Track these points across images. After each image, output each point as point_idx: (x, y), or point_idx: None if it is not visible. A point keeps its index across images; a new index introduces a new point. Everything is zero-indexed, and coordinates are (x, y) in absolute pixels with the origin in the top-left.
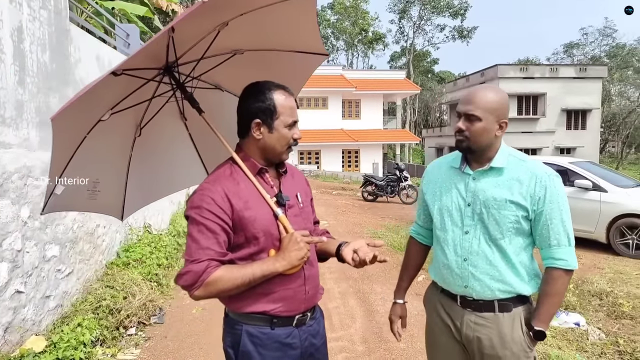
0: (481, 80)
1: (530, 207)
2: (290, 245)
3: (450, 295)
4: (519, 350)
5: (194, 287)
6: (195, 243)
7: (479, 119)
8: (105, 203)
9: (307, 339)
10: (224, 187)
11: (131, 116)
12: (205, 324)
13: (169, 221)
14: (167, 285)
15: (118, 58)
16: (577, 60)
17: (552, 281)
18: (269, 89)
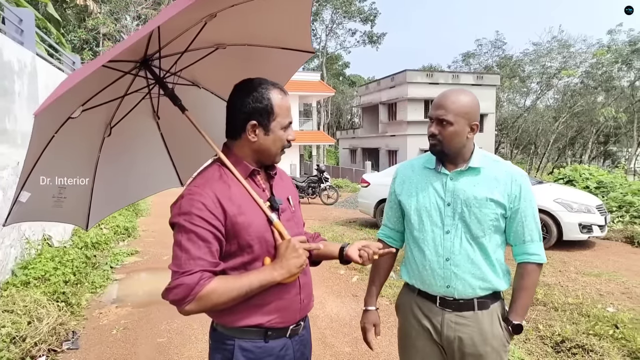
0: (391, 85)
1: (508, 205)
2: (288, 253)
3: (428, 297)
4: (499, 345)
5: (186, 302)
6: (186, 253)
7: (451, 123)
8: (71, 211)
9: (299, 349)
10: (215, 191)
11: (102, 114)
12: (130, 345)
13: (72, 232)
14: (77, 305)
15: (12, 48)
16: (474, 68)
17: (527, 275)
18: (265, 88)
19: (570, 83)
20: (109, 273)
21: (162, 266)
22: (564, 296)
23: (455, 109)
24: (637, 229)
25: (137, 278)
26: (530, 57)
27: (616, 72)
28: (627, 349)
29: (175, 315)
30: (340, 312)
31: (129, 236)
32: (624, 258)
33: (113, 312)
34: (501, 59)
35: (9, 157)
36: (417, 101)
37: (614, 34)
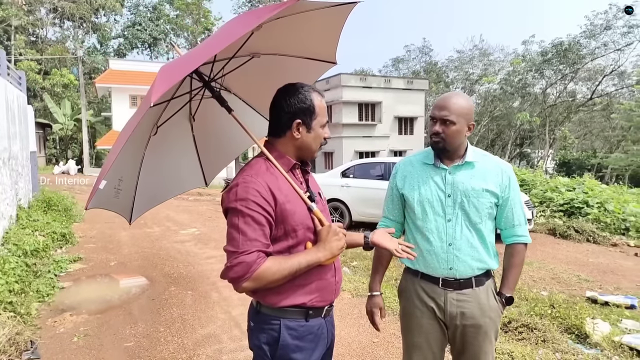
0: (327, 87)
1: (500, 194)
2: (330, 237)
3: (431, 279)
4: (495, 316)
5: (244, 279)
6: (243, 235)
7: (454, 122)
8: (123, 203)
9: (330, 329)
10: (267, 181)
11: (154, 114)
12: (96, 352)
13: (3, 239)
14: (28, 314)
15: None
16: (403, 73)
17: (516, 254)
18: (308, 90)
19: (491, 89)
20: (54, 281)
21: (111, 272)
22: None
23: (457, 110)
24: (557, 222)
25: (86, 285)
26: (455, 63)
27: (530, 80)
28: (564, 326)
29: (138, 319)
30: None
31: (67, 242)
32: (549, 248)
33: (68, 320)
34: (428, 65)
35: None
36: (352, 104)
37: (528, 44)
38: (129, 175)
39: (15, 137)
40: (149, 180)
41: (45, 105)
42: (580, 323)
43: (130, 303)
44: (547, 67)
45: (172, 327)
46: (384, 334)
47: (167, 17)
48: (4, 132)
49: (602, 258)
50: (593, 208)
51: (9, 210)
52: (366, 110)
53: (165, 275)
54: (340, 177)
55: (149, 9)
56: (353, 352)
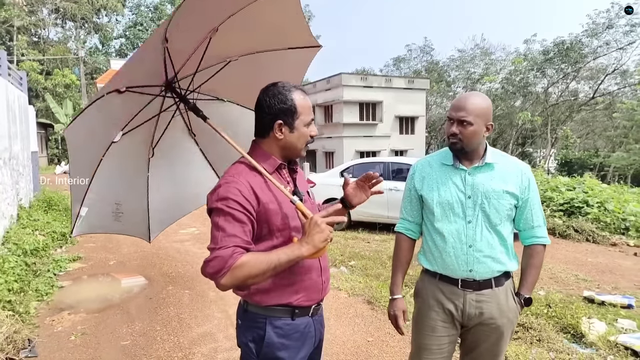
0: (327, 87)
1: (520, 195)
2: (312, 229)
3: (450, 281)
4: (513, 317)
5: (221, 274)
6: (222, 231)
7: (471, 123)
8: (131, 225)
9: (318, 328)
10: (249, 180)
11: (141, 137)
12: (93, 350)
13: (3, 238)
14: (26, 313)
15: None
16: (404, 73)
17: (536, 255)
18: (288, 90)
19: (492, 88)
20: (54, 280)
21: (110, 271)
22: None
23: (474, 111)
24: (557, 221)
25: (85, 284)
26: (456, 62)
27: (532, 79)
28: (560, 325)
29: (135, 318)
30: None
31: (67, 242)
32: (548, 247)
33: (66, 318)
34: (429, 64)
35: None
36: (353, 104)
37: (529, 43)
38: (130, 199)
39: (16, 137)
40: (164, 198)
41: (47, 106)
42: (576, 323)
43: (128, 302)
44: (549, 66)
45: (168, 325)
46: (379, 333)
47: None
48: (4, 132)
49: (601, 258)
50: (593, 208)
51: (9, 210)
52: (367, 110)
53: (163, 274)
54: (340, 176)
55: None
56: (347, 351)
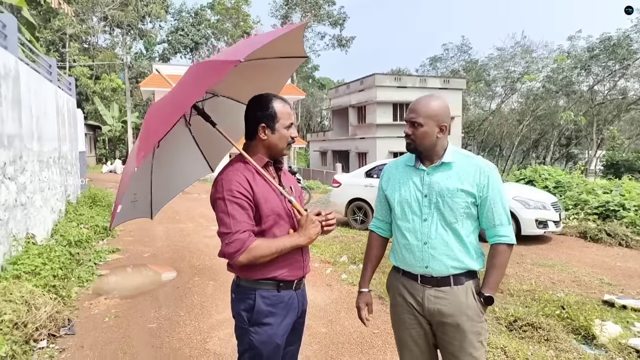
0: (360, 88)
1: (477, 193)
2: (308, 224)
3: (411, 276)
4: (473, 315)
5: (239, 252)
6: (232, 218)
7: (421, 124)
8: (141, 209)
9: (301, 300)
10: (245, 175)
11: None
12: (123, 331)
13: (52, 231)
14: (68, 297)
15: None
16: (441, 72)
17: (498, 255)
18: (270, 99)
19: (533, 87)
20: (94, 269)
21: (143, 262)
22: (519, 284)
23: (424, 113)
24: (590, 225)
25: (121, 273)
26: (495, 61)
27: (576, 77)
28: (572, 327)
29: (162, 305)
30: (316, 299)
31: (108, 235)
32: (576, 251)
33: (102, 303)
34: (467, 63)
35: None
36: (386, 104)
37: (573, 40)
38: (141, 189)
39: (65, 139)
40: (162, 180)
41: (96, 108)
42: (588, 324)
43: (157, 290)
44: (595, 64)
45: (191, 312)
46: (385, 326)
47: (207, 21)
48: (54, 134)
49: (631, 262)
50: (629, 211)
51: (58, 205)
52: (401, 110)
53: (191, 266)
54: (365, 177)
55: (191, 14)
56: (353, 341)
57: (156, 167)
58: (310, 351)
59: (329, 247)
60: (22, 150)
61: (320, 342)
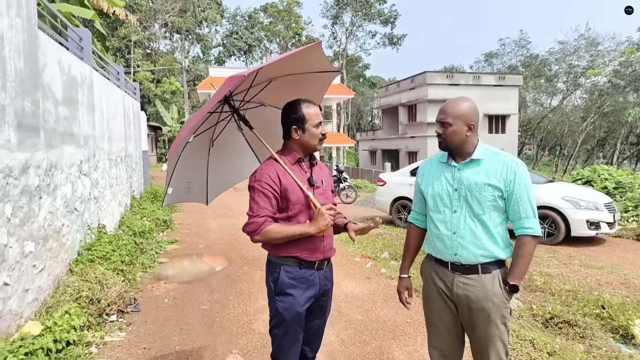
0: (411, 86)
1: (504, 188)
2: (318, 217)
3: (442, 263)
4: (498, 301)
5: (256, 233)
6: (257, 204)
7: (450, 124)
8: (196, 194)
9: (323, 280)
10: (276, 169)
11: (206, 136)
12: (180, 310)
13: (119, 222)
14: (133, 280)
15: (76, 63)
16: (497, 69)
17: (523, 246)
18: (298, 104)
19: (598, 82)
20: (155, 257)
21: (199, 253)
22: (563, 284)
23: (453, 113)
24: None
25: (178, 261)
26: (556, 56)
27: None
28: (610, 326)
29: (214, 290)
30: (354, 290)
31: (167, 228)
32: (630, 254)
33: (163, 286)
34: (526, 58)
35: (74, 156)
36: (437, 102)
37: None
38: (196, 178)
39: (130, 139)
40: (217, 174)
41: (157, 110)
42: (627, 324)
43: (210, 277)
44: None
45: (240, 297)
46: (418, 316)
47: (260, 24)
48: (121, 135)
49: None
50: None
51: (124, 199)
52: None
53: (241, 257)
54: (410, 175)
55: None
56: (386, 329)
57: (213, 162)
58: (345, 335)
59: (372, 244)
60: (95, 150)
61: (355, 327)
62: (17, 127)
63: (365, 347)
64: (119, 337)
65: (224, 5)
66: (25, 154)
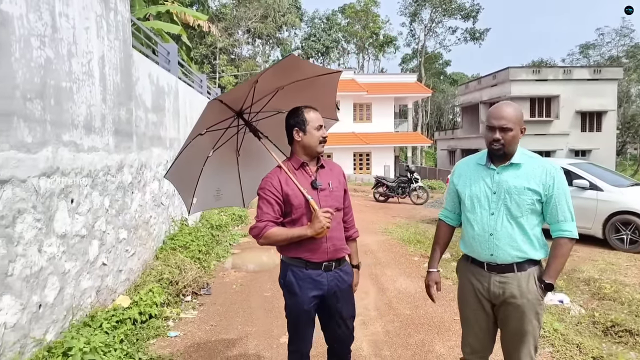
0: (493, 83)
1: (543, 192)
2: (314, 220)
3: (478, 263)
4: (533, 298)
5: (259, 237)
6: (260, 210)
7: (511, 129)
8: (229, 199)
9: (333, 281)
10: (279, 177)
11: (227, 148)
12: (245, 296)
13: (201, 216)
14: (208, 267)
15: (164, 75)
16: (594, 61)
17: (559, 247)
18: (301, 109)
19: None
20: (229, 248)
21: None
22: (636, 293)
23: (512, 118)
24: None
25: (248, 253)
26: None
27: None
28: None
29: (276, 280)
30: (407, 287)
31: (242, 222)
32: None
33: (232, 274)
34: (630, 48)
35: (161, 156)
36: (522, 99)
37: None
38: (227, 186)
39: None
40: (249, 180)
41: None
42: None
43: (275, 268)
44: None
45: None
46: None
47: (338, 25)
48: None
49: None
50: None
51: None
52: (539, 106)
53: None
54: None
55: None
56: (432, 324)
57: (243, 169)
58: (391, 327)
59: None
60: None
61: (402, 321)
62: (115, 132)
63: (408, 338)
64: (191, 314)
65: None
66: (121, 155)
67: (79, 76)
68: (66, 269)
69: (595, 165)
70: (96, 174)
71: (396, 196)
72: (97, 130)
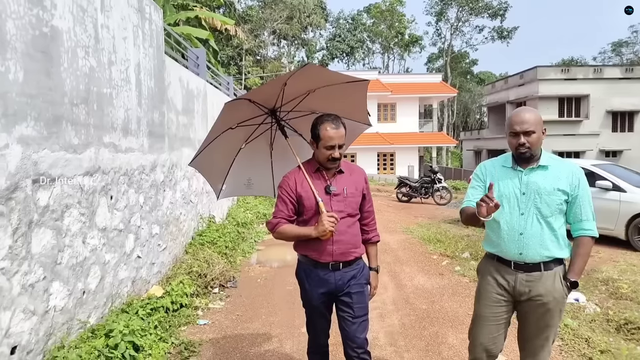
0: (520, 82)
1: (570, 192)
2: (319, 222)
3: (504, 262)
4: (559, 296)
5: (272, 231)
6: (276, 207)
7: (533, 132)
8: (260, 188)
9: (340, 280)
10: (295, 178)
11: (261, 141)
12: (269, 289)
13: (227, 214)
14: (234, 262)
15: (193, 79)
16: (627, 59)
17: (582, 245)
18: (320, 123)
19: None
20: (254, 244)
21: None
22: None
23: (534, 121)
24: None
25: (272, 249)
26: None
27: None
28: None
29: None
30: (425, 283)
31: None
32: None
33: (257, 269)
34: None
35: (190, 156)
36: (550, 99)
37: None
38: (259, 175)
39: None
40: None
41: None
42: None
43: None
44: None
45: None
46: None
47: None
48: None
49: None
50: None
51: None
52: (568, 105)
53: None
54: None
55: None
56: (447, 318)
57: (276, 162)
58: (407, 320)
59: (455, 244)
60: None
61: (418, 315)
62: (149, 134)
63: (423, 331)
64: (219, 305)
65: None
66: (154, 155)
67: (117, 82)
68: (106, 259)
69: (619, 166)
70: (132, 172)
71: (419, 196)
72: (133, 132)
